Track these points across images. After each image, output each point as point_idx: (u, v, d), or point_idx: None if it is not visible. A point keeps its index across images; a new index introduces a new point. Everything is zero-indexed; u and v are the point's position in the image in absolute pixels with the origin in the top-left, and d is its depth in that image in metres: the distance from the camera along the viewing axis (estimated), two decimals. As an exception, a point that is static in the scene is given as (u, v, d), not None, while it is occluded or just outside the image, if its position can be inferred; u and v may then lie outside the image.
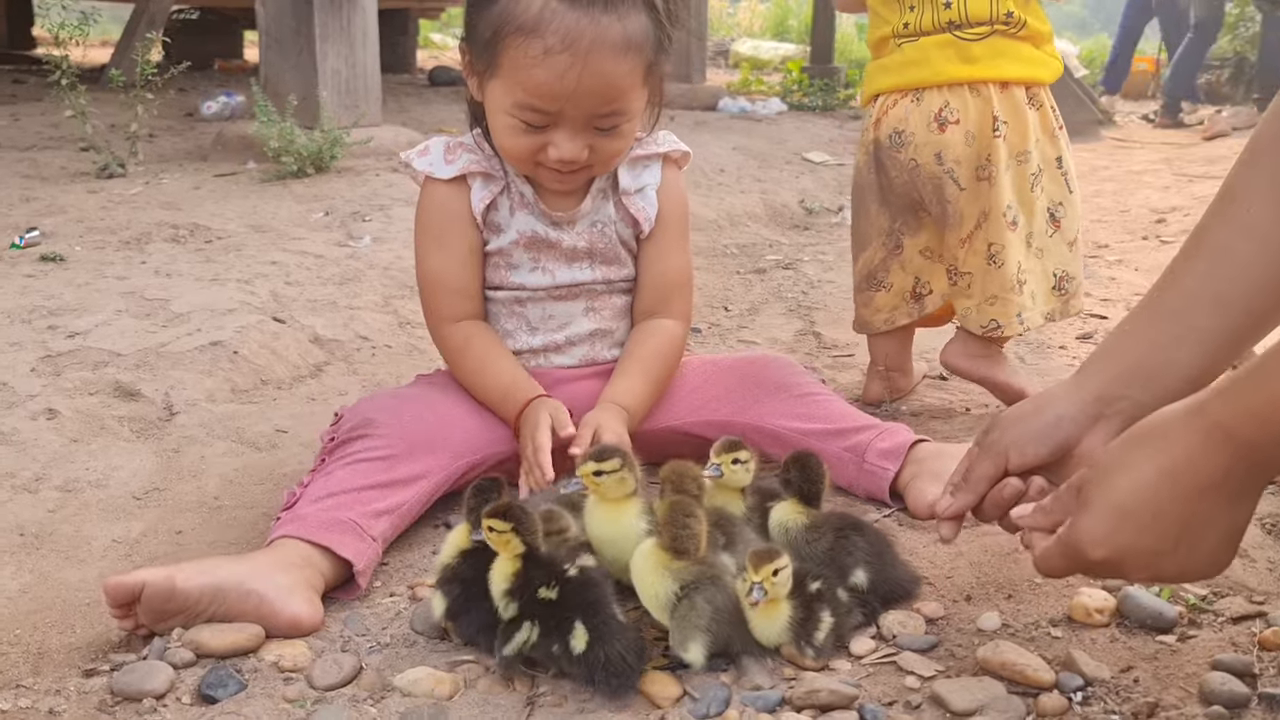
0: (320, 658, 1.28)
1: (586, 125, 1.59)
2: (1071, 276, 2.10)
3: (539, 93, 1.54)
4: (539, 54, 1.50)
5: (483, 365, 1.72)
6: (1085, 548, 1.07)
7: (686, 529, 1.23)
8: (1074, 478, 1.15)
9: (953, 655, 1.27)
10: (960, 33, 1.99)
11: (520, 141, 1.60)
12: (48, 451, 1.78)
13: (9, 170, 3.85)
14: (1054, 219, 2.08)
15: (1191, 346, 1.18)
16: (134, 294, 2.41)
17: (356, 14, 4.15)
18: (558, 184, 1.69)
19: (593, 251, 1.76)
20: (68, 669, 1.27)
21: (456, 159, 1.72)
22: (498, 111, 1.60)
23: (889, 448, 1.70)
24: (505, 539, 1.24)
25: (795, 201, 4.58)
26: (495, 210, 1.73)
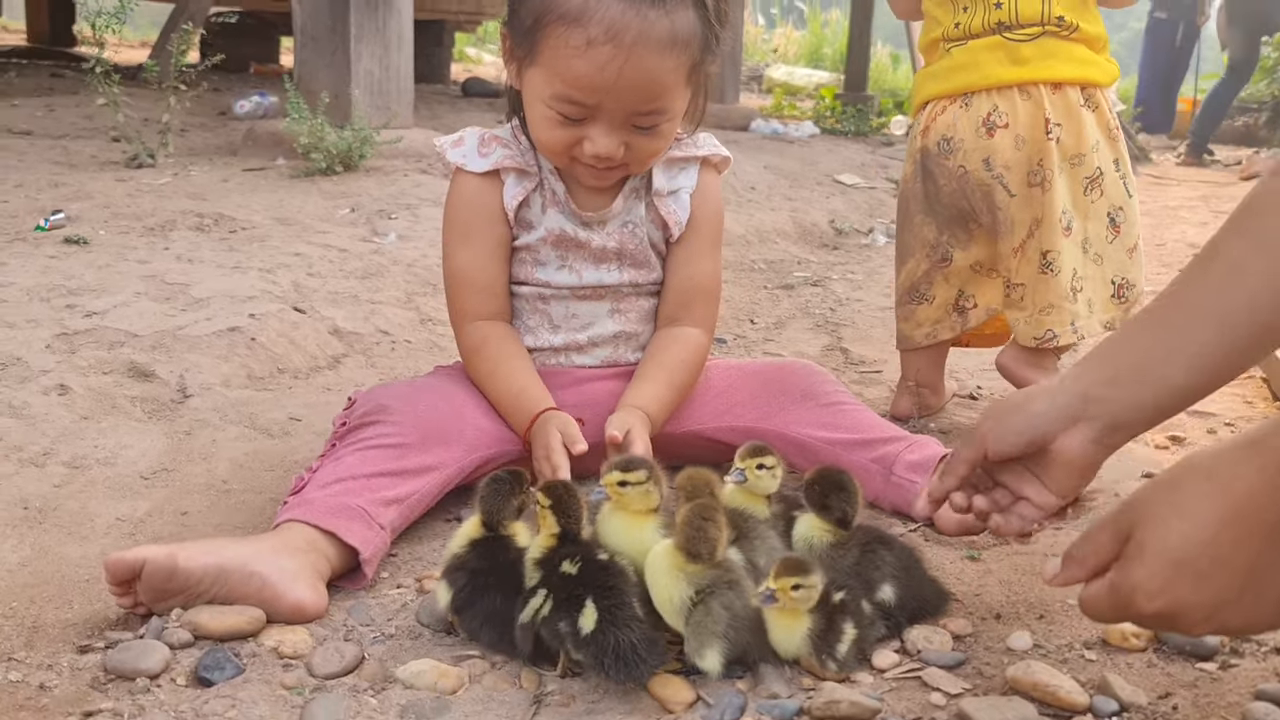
0: (321, 645, 1.24)
1: (625, 122, 1.54)
2: (1132, 284, 2.03)
3: (578, 84, 1.49)
4: (580, 44, 1.45)
5: (495, 368, 1.67)
6: (1138, 600, 0.99)
7: (702, 532, 1.17)
8: (1109, 517, 1.07)
9: (980, 674, 1.21)
10: (1010, 34, 1.94)
11: (556, 134, 1.55)
12: (57, 427, 1.74)
13: (40, 157, 3.86)
14: (1114, 224, 2.01)
15: (1188, 360, 1.11)
16: (154, 278, 2.38)
17: (392, 16, 4.15)
18: (591, 180, 1.65)
19: (622, 253, 1.71)
20: (62, 644, 1.23)
21: (490, 153, 1.68)
22: (535, 101, 1.56)
23: (918, 460, 1.64)
24: (544, 514, 1.22)
25: (825, 221, 4.54)
26: (527, 207, 1.69)
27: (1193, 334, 1.11)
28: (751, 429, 1.70)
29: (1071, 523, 1.61)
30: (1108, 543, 1.04)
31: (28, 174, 3.52)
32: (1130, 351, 1.16)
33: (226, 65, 7.18)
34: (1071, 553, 1.09)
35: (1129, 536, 1.01)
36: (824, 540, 1.32)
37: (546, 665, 1.20)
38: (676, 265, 1.74)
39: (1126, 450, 1.89)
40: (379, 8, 4.08)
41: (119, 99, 3.60)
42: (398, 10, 4.16)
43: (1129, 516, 1.02)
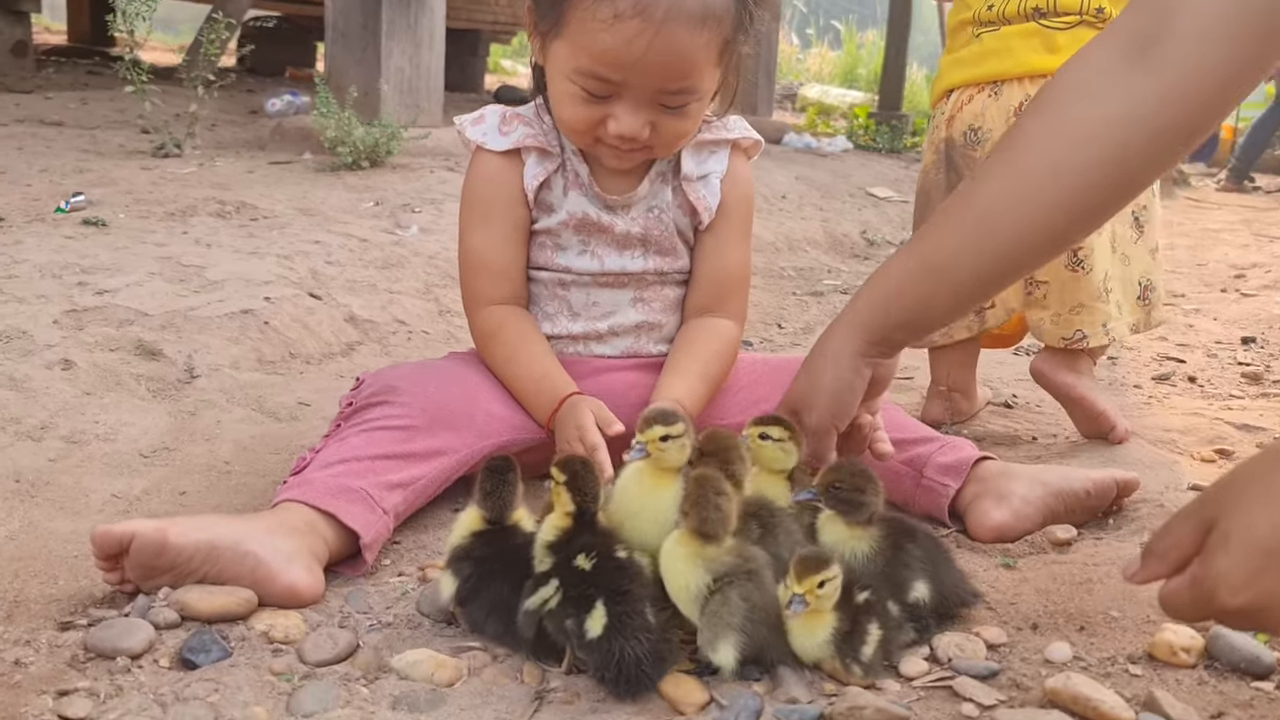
0: (314, 631, 1.17)
1: (651, 100, 1.46)
2: (1154, 286, 1.95)
3: (604, 59, 1.41)
4: (608, 17, 1.38)
5: (514, 353, 1.59)
6: (1222, 594, 0.91)
7: (717, 510, 1.09)
8: (1191, 507, 0.99)
9: (1016, 685, 1.12)
10: (1046, 21, 1.86)
11: (579, 111, 1.48)
12: (58, 401, 1.69)
13: (69, 145, 3.85)
14: (1138, 223, 1.93)
15: (947, 297, 1.26)
16: (170, 259, 2.34)
17: (424, 14, 4.12)
18: (615, 161, 1.57)
19: (646, 239, 1.64)
20: (43, 620, 1.17)
21: (512, 131, 1.61)
22: (558, 76, 1.48)
23: (951, 463, 1.56)
24: (558, 491, 1.15)
25: (857, 232, 4.46)
26: (548, 189, 1.61)
27: (953, 274, 1.24)
28: (777, 425, 1.64)
29: (1113, 532, 1.52)
30: (1190, 534, 0.96)
31: (54, 160, 3.51)
32: (905, 301, 1.28)
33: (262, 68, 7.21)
34: (1151, 547, 1.00)
35: (1212, 527, 0.93)
36: (858, 548, 1.23)
37: (550, 659, 1.13)
38: (706, 253, 1.67)
39: (1173, 461, 1.81)
40: (411, 5, 4.05)
41: (146, 88, 3.57)
42: (430, 9, 4.13)
43: (1212, 506, 0.94)
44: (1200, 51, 1.08)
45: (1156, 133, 1.11)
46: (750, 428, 1.29)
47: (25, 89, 5.54)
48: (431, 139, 3.91)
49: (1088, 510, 1.55)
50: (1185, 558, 0.96)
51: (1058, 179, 1.16)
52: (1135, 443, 1.89)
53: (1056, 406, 2.22)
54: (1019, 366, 2.54)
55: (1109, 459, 1.80)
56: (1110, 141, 1.13)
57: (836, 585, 1.09)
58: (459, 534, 1.22)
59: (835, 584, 1.09)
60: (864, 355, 1.31)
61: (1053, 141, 1.17)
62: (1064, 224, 1.20)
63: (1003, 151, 1.22)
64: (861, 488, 1.22)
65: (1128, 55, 1.12)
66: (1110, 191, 1.17)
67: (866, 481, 1.22)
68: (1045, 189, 1.17)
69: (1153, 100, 1.10)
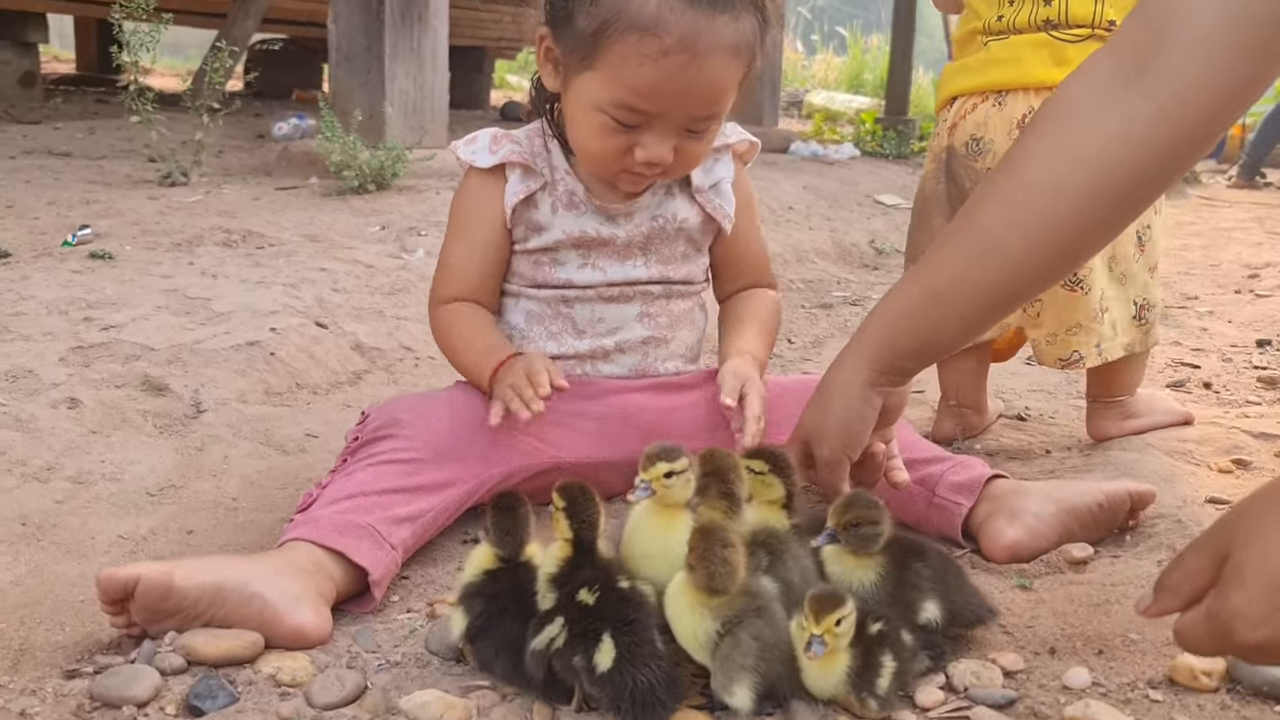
0: (322, 673, 1.15)
1: (679, 127, 1.48)
2: (1151, 305, 1.93)
3: (645, 92, 1.43)
4: (654, 53, 1.40)
5: (469, 336, 1.60)
6: (1239, 629, 0.88)
7: (725, 564, 1.07)
8: (1204, 539, 0.97)
9: (1034, 713, 1.10)
10: (1057, 33, 1.84)
11: (608, 141, 1.49)
12: (64, 441, 1.69)
13: (76, 176, 3.86)
14: (1140, 242, 1.91)
15: (953, 324, 1.25)
16: (176, 292, 2.34)
17: (427, 36, 4.12)
18: (631, 186, 1.59)
19: (648, 246, 1.65)
20: (49, 668, 1.16)
21: (499, 149, 1.62)
22: (587, 108, 1.48)
23: (963, 481, 1.54)
24: (557, 518, 1.15)
25: (865, 241, 4.44)
26: (534, 208, 1.62)
27: (956, 304, 1.23)
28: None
29: (1130, 550, 1.50)
30: (1203, 567, 0.94)
31: (61, 192, 3.52)
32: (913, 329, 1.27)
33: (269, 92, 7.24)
34: (1163, 581, 0.98)
35: (1226, 558, 0.91)
36: (864, 578, 1.22)
37: (560, 698, 1.11)
38: (729, 249, 1.73)
39: (1190, 473, 1.79)
40: (414, 27, 4.06)
41: (152, 117, 3.59)
42: (433, 30, 4.14)
43: (1225, 537, 0.92)
44: (1198, 65, 1.06)
45: (1156, 150, 1.10)
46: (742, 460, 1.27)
47: (33, 119, 5.57)
48: (437, 160, 3.91)
49: (1102, 525, 1.53)
50: (1199, 590, 0.94)
51: (1058, 199, 1.14)
52: (1150, 454, 1.87)
53: (1070, 417, 2.20)
54: (1032, 378, 2.52)
55: (1125, 470, 1.78)
56: (1110, 161, 1.11)
57: (852, 622, 1.07)
58: (471, 571, 1.20)
59: (850, 621, 1.07)
60: (873, 385, 1.30)
61: (1053, 161, 1.15)
62: (1068, 245, 1.18)
63: (1003, 171, 1.20)
64: (877, 520, 1.21)
65: (1125, 71, 1.10)
66: (1112, 210, 1.15)
67: (880, 513, 1.21)
68: (1046, 210, 1.15)
69: (1151, 117, 1.08)
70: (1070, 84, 1.17)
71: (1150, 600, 0.99)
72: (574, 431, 1.60)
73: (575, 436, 1.60)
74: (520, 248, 1.64)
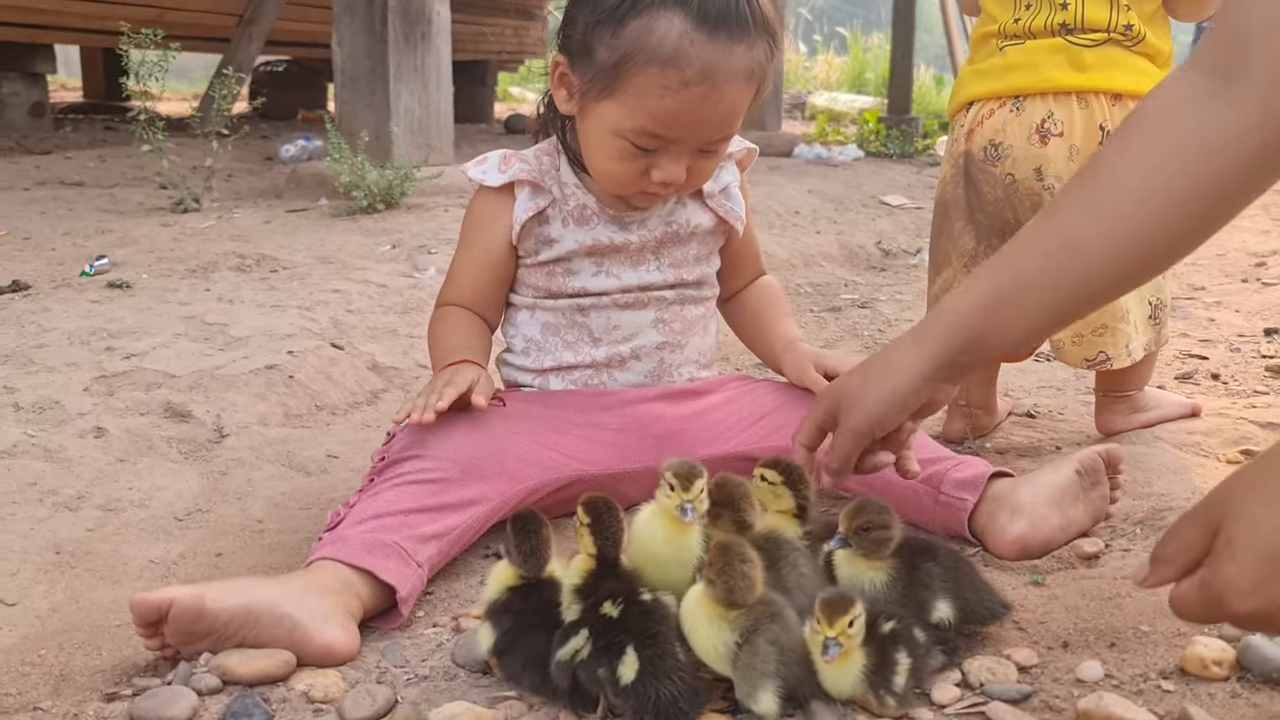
0: (353, 688, 1.18)
1: (693, 149, 1.55)
2: (1163, 304, 1.95)
3: (665, 120, 1.49)
4: (675, 85, 1.46)
5: (446, 332, 1.70)
6: (1231, 599, 0.91)
7: (745, 579, 1.09)
8: (1195, 511, 1.00)
9: (1049, 707, 1.13)
10: (1073, 38, 1.86)
11: (626, 166, 1.55)
12: (92, 470, 1.73)
13: (89, 205, 3.92)
14: None
15: (1019, 327, 1.24)
16: (194, 318, 2.38)
17: (430, 55, 4.17)
18: (645, 203, 1.66)
19: (661, 250, 1.70)
20: (89, 692, 1.20)
21: (509, 168, 1.68)
22: (603, 133, 1.54)
23: (967, 478, 1.57)
24: (581, 533, 1.18)
25: (872, 243, 4.46)
26: (545, 223, 1.67)
27: (1026, 300, 1.21)
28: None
29: (1141, 543, 1.52)
30: (1196, 538, 0.97)
31: (76, 222, 3.57)
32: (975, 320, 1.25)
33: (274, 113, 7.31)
34: (1158, 552, 1.02)
35: (1217, 531, 0.94)
36: (876, 579, 1.25)
37: (586, 708, 1.14)
38: (738, 247, 1.82)
39: (1199, 465, 1.81)
40: (417, 46, 4.11)
41: (163, 145, 3.64)
42: (436, 48, 4.18)
43: (1216, 510, 0.95)
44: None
45: (1243, 157, 1.09)
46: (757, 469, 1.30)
47: (44, 149, 5.65)
48: (444, 177, 3.96)
49: (1093, 495, 1.55)
50: (1193, 560, 0.97)
51: (1143, 206, 1.14)
52: (1159, 447, 1.89)
53: (1079, 413, 2.22)
54: (1040, 375, 2.54)
55: (1134, 463, 1.79)
56: (1196, 168, 1.11)
57: (863, 622, 1.10)
58: (495, 588, 1.23)
59: (861, 621, 1.10)
60: (928, 379, 1.30)
61: (1138, 167, 1.14)
62: (1150, 252, 1.17)
63: (1085, 177, 1.20)
64: (887, 524, 1.23)
65: (1211, 82, 1.11)
66: (1199, 219, 1.14)
67: (890, 517, 1.23)
68: (1130, 216, 1.14)
69: (1237, 125, 1.08)
70: (1155, 94, 1.17)
71: (1146, 571, 1.02)
72: (593, 444, 1.63)
73: (595, 449, 1.63)
74: (531, 261, 1.68)
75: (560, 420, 1.64)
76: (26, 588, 1.42)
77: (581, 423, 1.65)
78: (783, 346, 1.76)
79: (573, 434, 1.63)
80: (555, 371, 1.71)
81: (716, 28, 1.45)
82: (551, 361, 1.71)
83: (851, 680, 1.10)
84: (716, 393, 1.74)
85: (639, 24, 1.46)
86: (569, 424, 1.64)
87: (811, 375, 1.68)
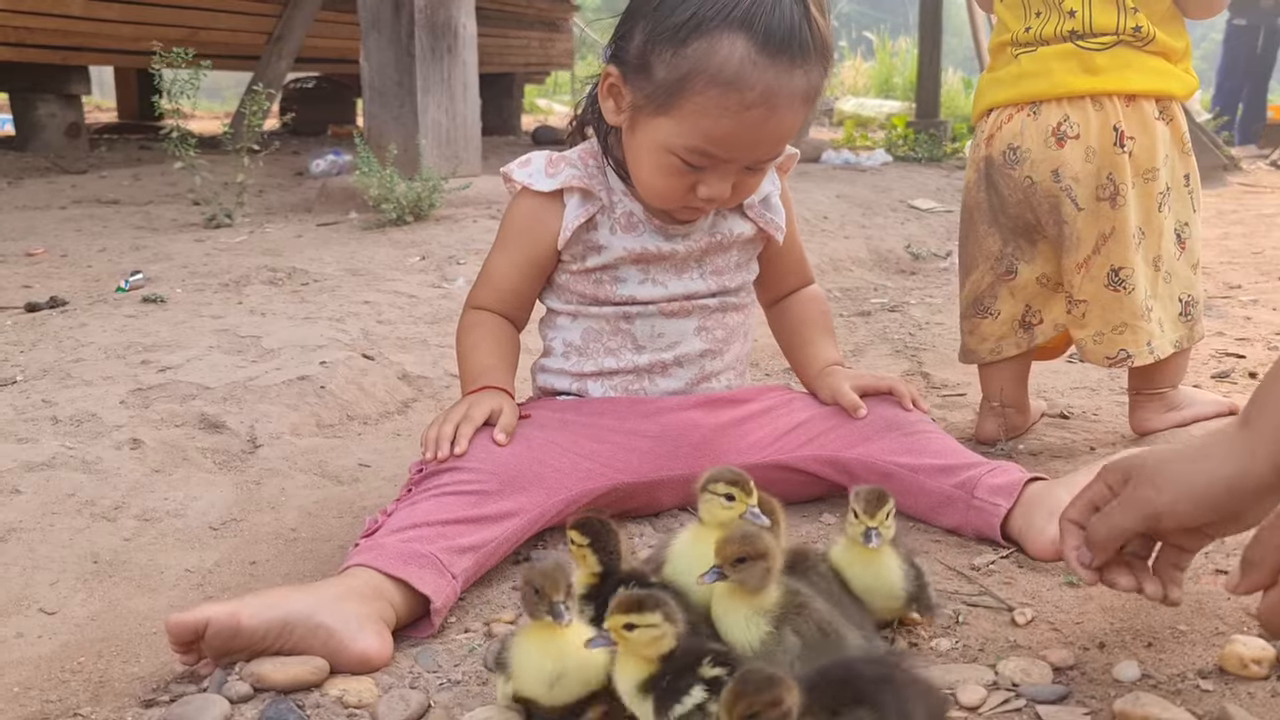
0: (387, 694, 1.19)
1: (742, 167, 1.56)
2: (1195, 301, 1.94)
3: (722, 141, 1.50)
4: (735, 107, 1.46)
5: (474, 347, 1.70)
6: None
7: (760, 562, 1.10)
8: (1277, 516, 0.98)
9: (1085, 706, 1.12)
10: (1083, 43, 1.86)
11: (673, 181, 1.56)
12: (129, 481, 1.75)
13: (124, 222, 3.97)
14: (1180, 240, 1.94)
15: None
16: (227, 331, 2.41)
17: (457, 67, 4.20)
18: (689, 216, 1.66)
19: (704, 258, 1.71)
20: (127, 699, 1.21)
21: (558, 173, 1.67)
22: (654, 148, 1.54)
23: (1001, 484, 1.56)
24: (581, 554, 1.19)
25: (901, 247, 4.44)
26: (593, 229, 1.67)
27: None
28: (835, 458, 1.67)
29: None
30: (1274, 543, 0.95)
31: (111, 239, 3.62)
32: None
33: (305, 129, 7.38)
34: (1248, 556, 0.99)
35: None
36: (754, 627, 1.11)
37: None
38: (779, 254, 1.82)
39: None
40: (444, 59, 4.14)
41: (195, 162, 3.68)
42: (462, 61, 4.21)
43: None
44: None
45: None
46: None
47: (80, 169, 5.73)
48: (472, 189, 3.98)
49: None
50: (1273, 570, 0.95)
51: None
52: (1196, 447, 1.86)
53: (1113, 414, 2.20)
54: (1073, 376, 2.52)
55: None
56: None
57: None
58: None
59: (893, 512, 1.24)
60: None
61: None
62: None
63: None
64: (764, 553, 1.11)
65: None
66: None
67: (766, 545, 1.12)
68: None
69: None
70: None
71: (1238, 578, 0.99)
72: (630, 452, 1.63)
73: (631, 456, 1.63)
74: (578, 267, 1.68)
75: (598, 428, 1.64)
76: (66, 597, 1.44)
77: (619, 430, 1.65)
78: (819, 370, 1.79)
79: (609, 441, 1.63)
80: (596, 376, 1.71)
81: (779, 51, 1.45)
82: (593, 367, 1.71)
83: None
84: (753, 402, 1.74)
85: (702, 44, 1.45)
86: (606, 432, 1.64)
87: (846, 392, 1.70)
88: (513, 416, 1.59)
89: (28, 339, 2.38)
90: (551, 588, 1.07)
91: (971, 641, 1.27)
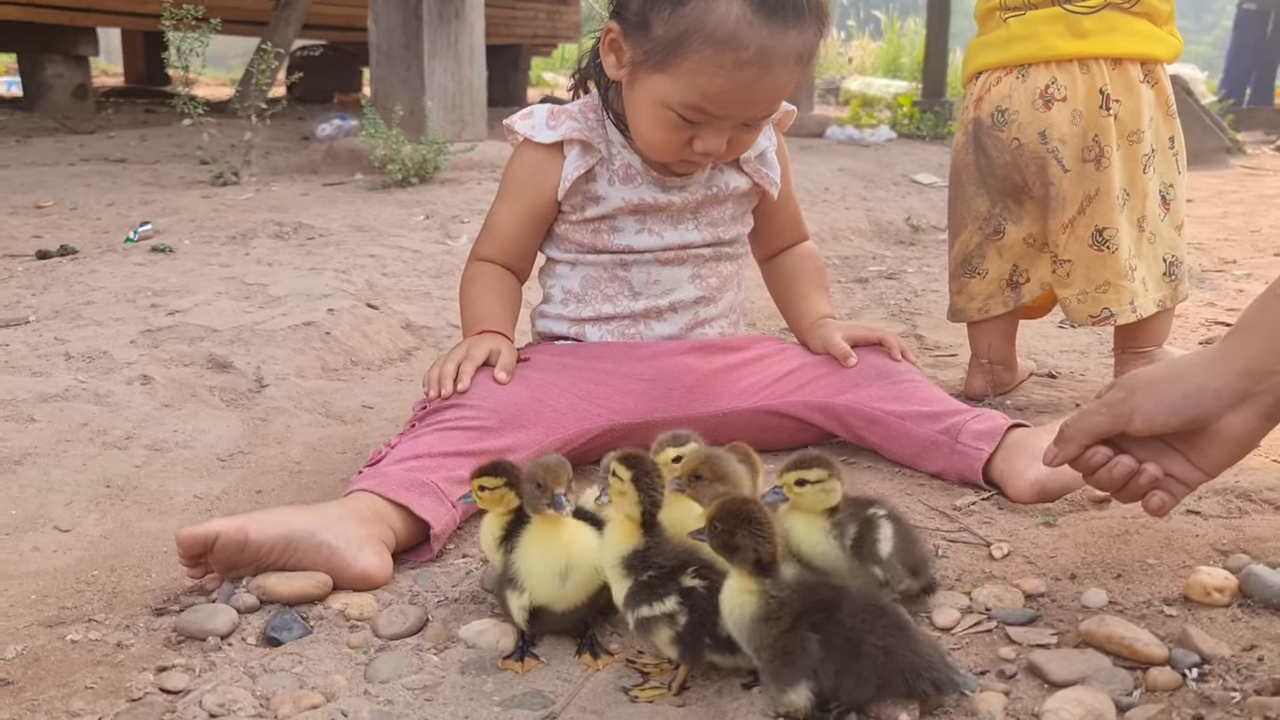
0: (387, 608, 1.25)
1: (737, 123, 1.60)
2: (1179, 261, 1.99)
3: (717, 99, 1.54)
4: (730, 66, 1.50)
5: (477, 296, 1.75)
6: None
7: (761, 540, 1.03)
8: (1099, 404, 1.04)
9: (1052, 628, 1.17)
10: (1070, 6, 1.90)
11: (670, 135, 1.60)
12: (139, 413, 1.80)
13: (132, 179, 4.01)
14: (1165, 201, 1.98)
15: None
16: (235, 279, 2.45)
17: (464, 32, 4.23)
18: (685, 169, 1.71)
19: (699, 210, 1.76)
20: (139, 608, 1.27)
21: (559, 125, 1.71)
22: (652, 103, 1.59)
23: (984, 429, 1.61)
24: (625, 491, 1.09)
25: (901, 219, 4.48)
26: (592, 180, 1.72)
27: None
28: (825, 404, 1.72)
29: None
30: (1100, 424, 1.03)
31: (120, 195, 3.66)
32: None
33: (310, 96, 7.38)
34: (1064, 431, 1.10)
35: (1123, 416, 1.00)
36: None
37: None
38: (775, 208, 1.86)
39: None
40: (451, 23, 4.16)
41: (203, 119, 3.72)
42: (469, 25, 4.24)
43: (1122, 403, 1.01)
44: None
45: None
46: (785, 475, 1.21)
47: (88, 129, 5.76)
48: (477, 152, 4.01)
49: None
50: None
51: None
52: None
53: (1100, 374, 2.25)
54: (1063, 340, 2.56)
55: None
56: None
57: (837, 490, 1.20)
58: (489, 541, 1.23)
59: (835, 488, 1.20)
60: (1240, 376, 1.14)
61: None
62: None
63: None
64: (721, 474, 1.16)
65: None
66: None
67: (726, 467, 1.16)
68: None
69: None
70: None
71: (1053, 450, 1.09)
72: (626, 394, 1.69)
73: (627, 398, 1.68)
74: (577, 217, 1.73)
75: (595, 371, 1.70)
76: (80, 516, 1.50)
77: (615, 372, 1.70)
78: (811, 321, 1.83)
79: (606, 384, 1.68)
80: (593, 321, 1.76)
81: (774, 12, 1.49)
82: (590, 312, 1.76)
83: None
84: (746, 349, 1.79)
85: (699, 4, 1.50)
86: (603, 374, 1.70)
87: (837, 341, 1.74)
88: (512, 357, 1.64)
89: (39, 283, 2.42)
90: (553, 480, 1.12)
91: (949, 572, 1.32)
